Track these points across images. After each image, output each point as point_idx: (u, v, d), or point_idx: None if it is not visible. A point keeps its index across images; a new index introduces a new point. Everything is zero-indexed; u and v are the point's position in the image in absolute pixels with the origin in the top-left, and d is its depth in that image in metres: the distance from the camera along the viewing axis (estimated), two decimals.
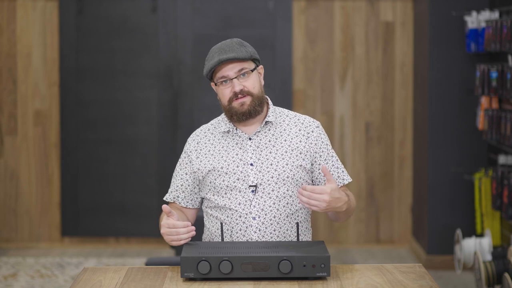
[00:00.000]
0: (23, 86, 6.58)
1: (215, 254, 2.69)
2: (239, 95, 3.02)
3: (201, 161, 3.09)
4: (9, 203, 6.63)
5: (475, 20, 5.54)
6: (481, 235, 5.52)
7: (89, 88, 6.54)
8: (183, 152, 3.16)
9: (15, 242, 6.63)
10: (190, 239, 2.87)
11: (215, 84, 3.08)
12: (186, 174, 3.12)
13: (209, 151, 3.10)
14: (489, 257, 5.11)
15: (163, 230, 2.88)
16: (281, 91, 6.44)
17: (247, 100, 3.03)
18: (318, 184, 3.11)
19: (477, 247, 5.23)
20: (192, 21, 6.50)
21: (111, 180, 6.58)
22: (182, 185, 3.13)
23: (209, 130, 3.16)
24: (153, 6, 6.50)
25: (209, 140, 3.12)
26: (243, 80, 3.03)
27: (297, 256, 2.67)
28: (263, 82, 3.12)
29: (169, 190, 3.17)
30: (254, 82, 3.04)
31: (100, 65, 6.53)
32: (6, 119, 6.59)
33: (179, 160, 3.17)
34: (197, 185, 3.13)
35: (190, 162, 3.12)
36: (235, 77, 3.03)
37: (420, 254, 6.15)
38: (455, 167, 5.89)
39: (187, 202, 3.14)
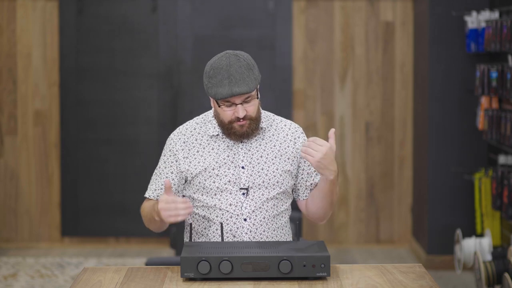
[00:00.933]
0: (23, 86, 6.58)
1: (215, 254, 2.69)
2: (241, 119, 3.02)
3: (190, 162, 3.08)
4: (9, 203, 6.63)
5: (475, 20, 5.54)
6: (481, 235, 5.52)
7: (89, 88, 6.54)
8: (167, 150, 3.13)
9: (15, 242, 6.63)
10: (187, 215, 2.86)
11: (218, 105, 3.05)
12: (172, 173, 3.11)
13: (197, 152, 3.09)
14: (489, 257, 5.11)
15: (161, 206, 2.85)
16: (281, 91, 6.44)
17: (246, 123, 3.03)
18: (300, 187, 3.16)
19: (477, 247, 5.23)
20: (192, 21, 6.49)
21: (111, 180, 6.58)
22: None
23: (195, 129, 3.14)
24: (153, 6, 6.50)
25: (196, 140, 3.11)
26: (246, 105, 3.02)
27: (297, 256, 2.67)
28: (259, 96, 3.09)
29: (152, 187, 3.14)
30: (255, 106, 3.04)
31: (100, 65, 6.53)
32: (6, 119, 6.59)
33: (163, 158, 3.13)
34: (182, 184, 3.12)
35: (177, 161, 3.10)
36: (240, 103, 3.01)
37: (420, 254, 6.15)
38: (455, 167, 5.89)
39: None
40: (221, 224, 3.00)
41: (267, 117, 3.17)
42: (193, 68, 6.51)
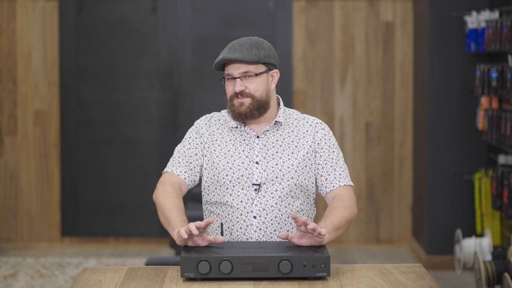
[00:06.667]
0: (23, 86, 6.58)
1: (215, 254, 2.69)
2: (239, 95, 3.02)
3: (212, 150, 3.07)
4: (9, 203, 6.63)
5: (475, 20, 5.54)
6: (481, 235, 5.52)
7: (89, 88, 6.54)
8: (193, 132, 3.12)
9: (15, 242, 6.63)
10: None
11: (224, 78, 3.08)
12: (196, 154, 3.09)
13: (216, 140, 3.09)
14: (489, 257, 5.11)
15: (186, 243, 2.81)
16: (281, 91, 6.43)
17: (246, 101, 3.02)
18: (317, 183, 3.11)
19: (477, 247, 5.23)
20: (192, 21, 6.50)
21: (111, 180, 6.58)
22: (191, 163, 3.08)
23: (219, 120, 3.14)
24: (153, 6, 6.50)
25: (218, 130, 3.11)
26: (246, 81, 3.02)
27: (297, 256, 2.67)
28: (272, 87, 3.10)
29: (174, 162, 3.08)
30: (258, 85, 3.03)
31: (100, 65, 6.53)
32: (6, 119, 6.59)
33: (188, 138, 3.11)
34: (202, 168, 3.10)
35: (202, 143, 3.09)
36: (239, 77, 3.02)
37: (420, 254, 6.15)
38: (455, 167, 5.89)
39: (190, 180, 3.08)
40: (221, 224, 3.00)
41: (290, 114, 3.15)
42: (193, 68, 6.51)
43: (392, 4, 6.51)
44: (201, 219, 3.19)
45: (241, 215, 3.02)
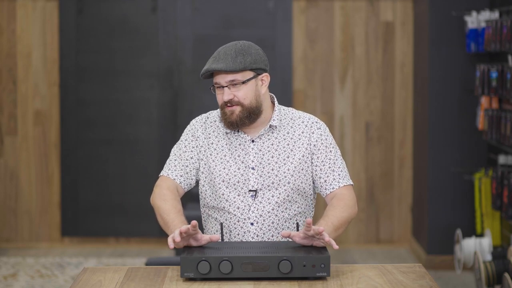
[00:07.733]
0: (23, 86, 6.58)
1: (215, 254, 2.68)
2: (228, 104, 2.98)
3: (208, 155, 3.04)
4: (9, 203, 6.63)
5: (475, 20, 5.54)
6: (481, 235, 5.52)
7: (89, 88, 6.55)
8: (189, 134, 3.09)
9: (15, 242, 6.63)
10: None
11: (213, 87, 3.03)
12: (192, 158, 3.06)
13: (212, 144, 3.06)
14: (489, 257, 5.11)
15: (186, 243, 2.78)
16: (281, 91, 6.44)
17: (236, 109, 2.97)
18: (316, 185, 3.09)
19: (477, 247, 5.23)
20: (192, 21, 6.50)
21: (111, 180, 6.58)
22: (187, 167, 3.06)
23: (215, 122, 3.09)
24: (153, 6, 6.50)
25: (214, 133, 3.07)
26: (234, 89, 2.96)
27: (297, 256, 2.67)
28: (263, 91, 3.03)
29: (170, 166, 3.07)
30: (246, 92, 2.97)
31: (100, 65, 6.53)
32: (6, 119, 6.59)
33: (184, 141, 3.09)
34: (198, 171, 3.08)
35: (197, 147, 3.07)
36: (226, 86, 2.97)
37: (420, 254, 6.15)
38: (455, 167, 5.89)
39: (185, 184, 3.07)
40: (221, 224, 2.99)
41: (285, 114, 3.09)
42: (193, 68, 6.51)
43: (392, 4, 6.51)
44: (200, 219, 3.19)
45: (238, 221, 3.01)
